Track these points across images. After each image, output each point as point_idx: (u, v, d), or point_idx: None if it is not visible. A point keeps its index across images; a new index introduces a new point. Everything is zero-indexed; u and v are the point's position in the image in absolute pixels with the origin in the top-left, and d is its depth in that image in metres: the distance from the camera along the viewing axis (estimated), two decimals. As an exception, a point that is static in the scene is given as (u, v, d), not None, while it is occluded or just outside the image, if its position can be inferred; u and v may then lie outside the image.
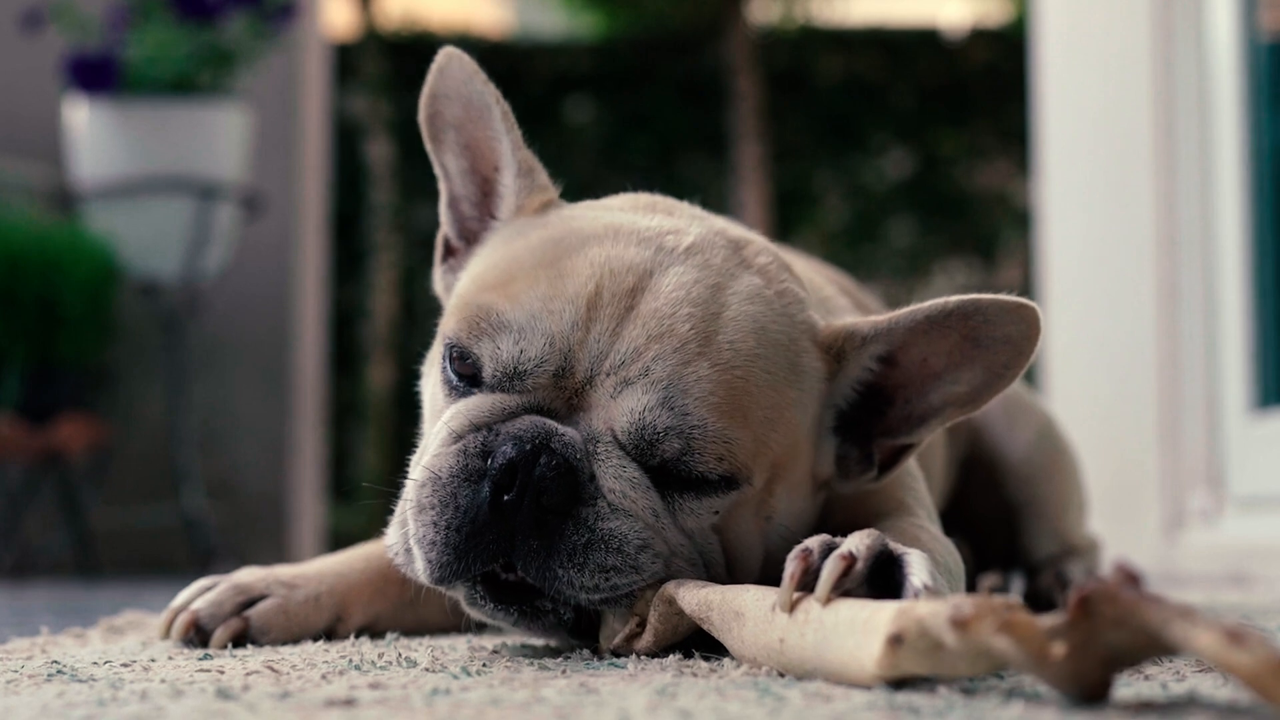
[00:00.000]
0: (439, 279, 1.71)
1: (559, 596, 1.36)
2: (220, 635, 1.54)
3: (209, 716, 1.00)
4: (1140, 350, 4.40)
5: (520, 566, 1.34)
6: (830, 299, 1.73)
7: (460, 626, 1.73)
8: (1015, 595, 2.38)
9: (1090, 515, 2.50)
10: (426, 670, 1.28)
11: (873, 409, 1.52)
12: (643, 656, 1.36)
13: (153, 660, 1.40)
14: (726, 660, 1.31)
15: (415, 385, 1.64)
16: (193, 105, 4.84)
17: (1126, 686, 1.11)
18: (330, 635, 1.64)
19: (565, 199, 1.64)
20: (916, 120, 12.10)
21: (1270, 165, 4.03)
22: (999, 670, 1.02)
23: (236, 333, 5.56)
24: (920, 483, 1.68)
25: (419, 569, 1.38)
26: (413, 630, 1.71)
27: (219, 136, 4.89)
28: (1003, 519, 2.33)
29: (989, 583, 2.40)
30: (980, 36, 12.23)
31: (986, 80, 11.86)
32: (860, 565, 1.19)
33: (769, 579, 1.34)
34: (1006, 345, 1.43)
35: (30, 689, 1.18)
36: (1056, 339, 5.11)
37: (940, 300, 1.43)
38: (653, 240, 1.45)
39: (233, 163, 4.94)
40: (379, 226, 11.49)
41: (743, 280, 1.46)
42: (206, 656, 1.44)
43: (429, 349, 1.61)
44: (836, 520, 1.49)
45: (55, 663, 1.38)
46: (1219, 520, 4.08)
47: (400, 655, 1.40)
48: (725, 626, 1.28)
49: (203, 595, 1.59)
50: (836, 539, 1.24)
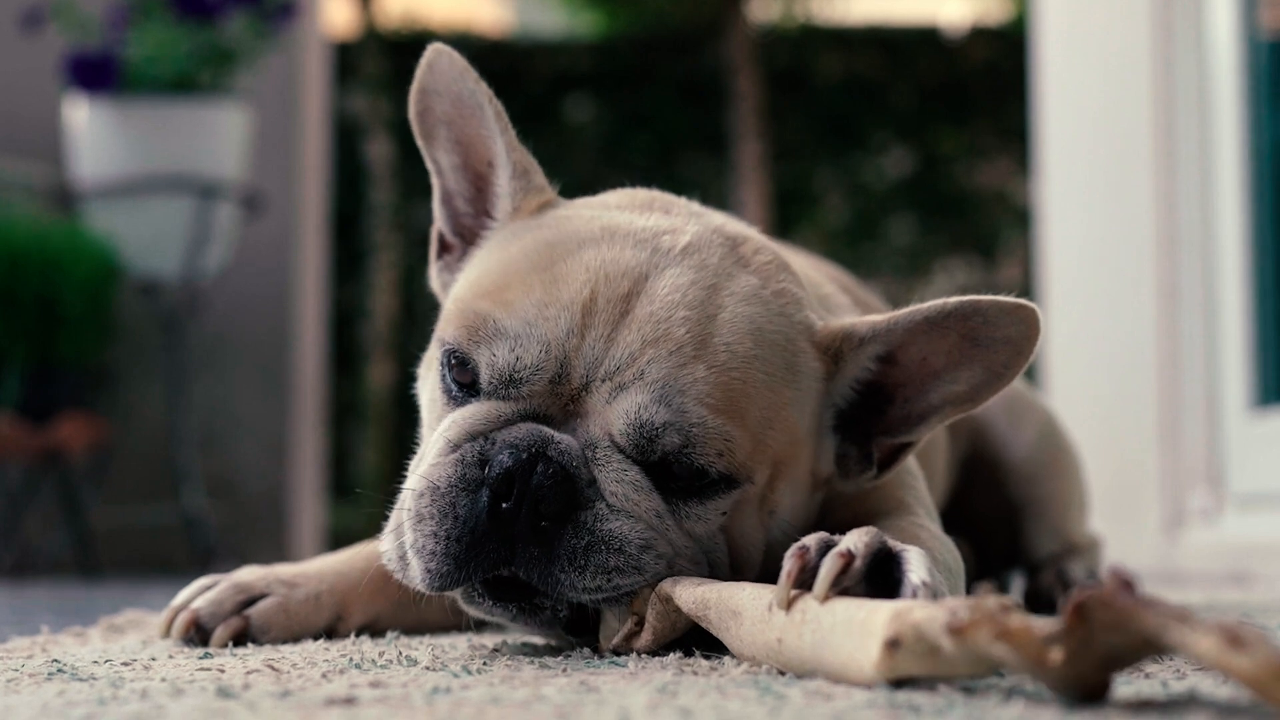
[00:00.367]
0: (434, 276, 1.71)
1: (562, 598, 1.37)
2: (220, 634, 1.54)
3: (209, 715, 1.00)
4: (1140, 349, 4.40)
5: (522, 573, 1.34)
6: (830, 297, 1.72)
7: (461, 625, 1.73)
8: (1015, 595, 2.38)
9: (1091, 514, 2.50)
10: (427, 669, 1.28)
11: (872, 408, 1.52)
12: (643, 655, 1.36)
13: (153, 659, 1.40)
14: (727, 659, 1.30)
15: (414, 386, 1.64)
16: (193, 104, 4.84)
17: (1126, 685, 1.11)
18: (330, 634, 1.64)
19: (564, 198, 1.63)
20: (916, 119, 12.10)
21: (1270, 164, 4.03)
22: (997, 671, 1.02)
23: (236, 332, 5.55)
24: (920, 481, 1.67)
25: (416, 577, 1.38)
26: (413, 629, 1.71)
27: (219, 136, 4.89)
28: (1004, 518, 2.33)
29: (985, 588, 2.39)
30: (980, 35, 12.23)
31: (986, 79, 11.86)
32: (859, 563, 1.18)
33: (769, 574, 1.34)
34: (1006, 345, 1.43)
35: (31, 688, 1.17)
36: (1056, 338, 5.11)
37: (939, 301, 1.43)
38: (648, 242, 1.45)
39: (233, 162, 4.94)
40: (379, 226, 11.49)
41: (739, 280, 1.46)
42: (207, 655, 1.44)
43: (426, 350, 1.61)
44: (836, 518, 1.49)
45: (55, 661, 1.38)
46: (1219, 519, 4.08)
47: (401, 654, 1.40)
48: (723, 625, 1.28)
49: (203, 594, 1.59)
50: (834, 537, 1.24)
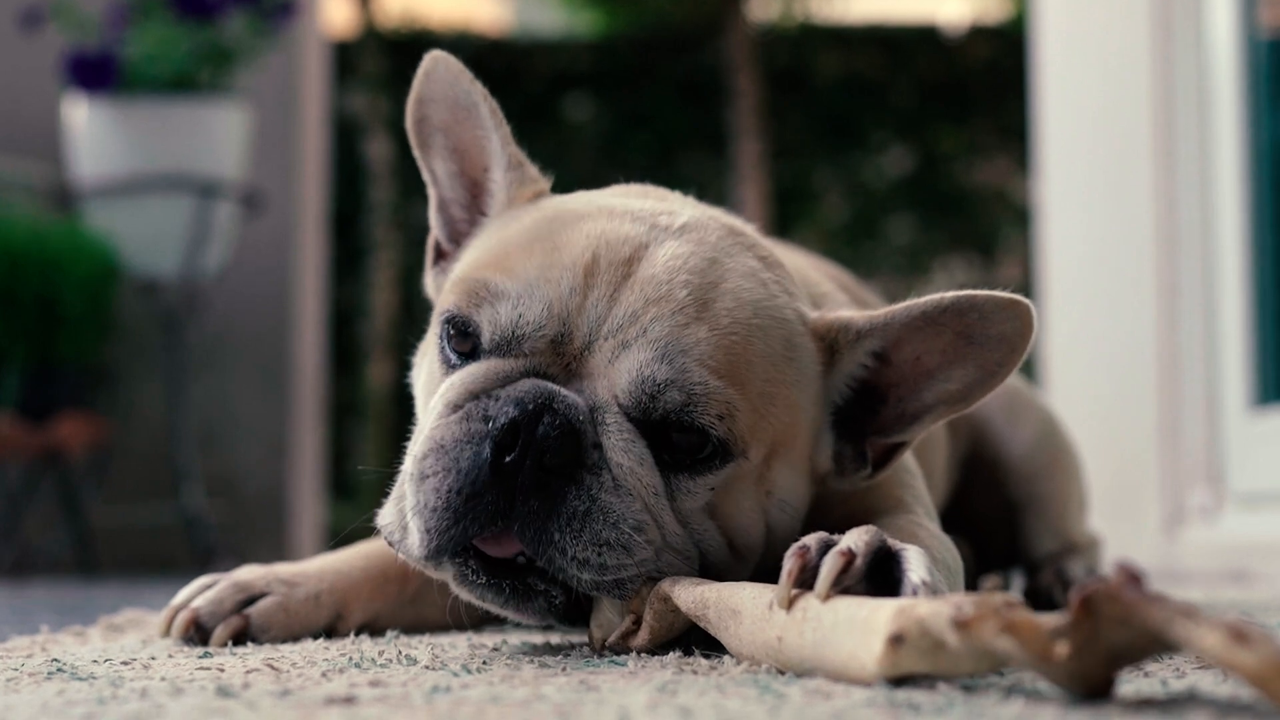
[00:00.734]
0: (430, 282, 1.71)
1: (551, 567, 1.34)
2: (220, 633, 1.54)
3: (209, 714, 1.00)
4: (1140, 348, 4.40)
5: (517, 529, 1.31)
6: (827, 295, 1.72)
7: (460, 624, 1.73)
8: (1016, 593, 2.38)
9: (1090, 513, 2.50)
10: (426, 668, 1.28)
11: (866, 407, 1.52)
12: (643, 654, 1.36)
13: (153, 658, 1.40)
14: (727, 658, 1.30)
15: (408, 378, 1.64)
16: (192, 103, 4.84)
17: (1127, 683, 1.11)
18: (330, 633, 1.64)
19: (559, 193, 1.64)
20: (916, 118, 12.10)
21: (1270, 163, 4.03)
22: (1000, 668, 1.02)
23: (236, 331, 5.55)
24: (918, 480, 1.68)
25: (414, 545, 1.36)
26: (412, 628, 1.71)
27: (218, 135, 4.89)
28: (1004, 517, 2.33)
29: (991, 583, 2.39)
30: (980, 34, 12.23)
31: (986, 77, 11.86)
32: (859, 562, 1.18)
33: (770, 570, 1.34)
34: (1000, 343, 1.43)
35: (30, 687, 1.18)
36: (1056, 337, 5.11)
37: (935, 295, 1.43)
38: (647, 219, 1.47)
39: (232, 161, 4.94)
40: (378, 224, 11.50)
41: (739, 259, 1.47)
42: (206, 654, 1.44)
43: (421, 340, 1.61)
44: (834, 517, 1.49)
45: (55, 661, 1.38)
46: (1219, 517, 4.08)
47: (400, 653, 1.40)
48: (722, 624, 1.28)
49: (203, 593, 1.59)
50: (834, 536, 1.24)
